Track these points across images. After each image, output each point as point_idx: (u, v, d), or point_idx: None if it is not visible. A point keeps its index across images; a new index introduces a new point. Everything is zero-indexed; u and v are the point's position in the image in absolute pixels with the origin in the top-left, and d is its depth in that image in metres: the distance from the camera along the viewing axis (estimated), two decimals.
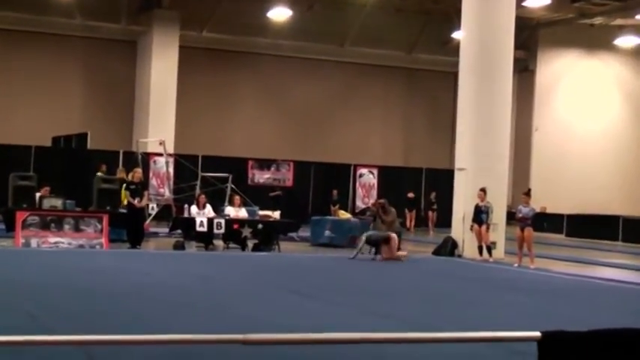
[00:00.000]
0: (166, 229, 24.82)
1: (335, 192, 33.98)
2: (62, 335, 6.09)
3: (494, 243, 22.41)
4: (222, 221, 22.09)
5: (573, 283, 18.19)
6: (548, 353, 6.29)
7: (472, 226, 22.12)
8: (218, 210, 23.70)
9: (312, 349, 7.45)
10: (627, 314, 12.75)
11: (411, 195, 35.44)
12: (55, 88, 40.00)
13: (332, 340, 6.31)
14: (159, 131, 34.94)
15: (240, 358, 7.55)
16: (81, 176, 29.71)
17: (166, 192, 29.08)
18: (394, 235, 21.43)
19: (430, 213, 35.25)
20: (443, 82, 45.31)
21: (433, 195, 35.14)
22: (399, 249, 21.80)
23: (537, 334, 6.29)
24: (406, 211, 33.94)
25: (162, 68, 39.36)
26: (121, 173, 26.44)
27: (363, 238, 22.00)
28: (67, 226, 21.19)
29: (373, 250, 22.68)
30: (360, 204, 36.36)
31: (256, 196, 29.48)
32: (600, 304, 14.66)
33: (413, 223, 34.88)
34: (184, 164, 31.03)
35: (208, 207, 22.60)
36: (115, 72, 40.94)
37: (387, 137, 46.10)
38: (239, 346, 5.83)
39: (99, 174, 25.68)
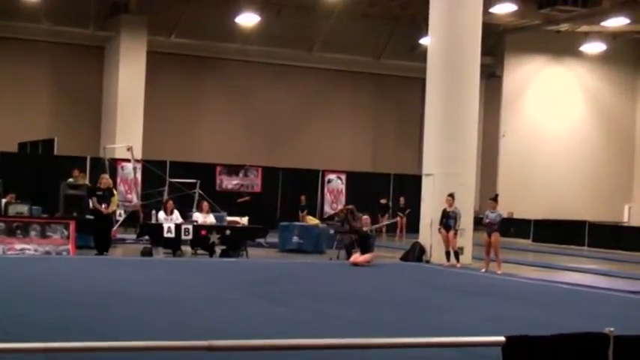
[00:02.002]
0: (134, 236, 24.71)
1: (303, 197, 33.97)
2: (26, 343, 6.07)
3: (461, 248, 22.52)
4: (190, 227, 22.02)
5: (540, 288, 18.30)
6: (513, 358, 6.34)
7: (440, 229, 22.18)
8: (186, 216, 23.62)
9: (277, 356, 7.45)
10: (592, 319, 12.86)
11: (383, 201, 35.55)
12: (22, 93, 39.72)
13: (297, 346, 6.33)
14: (126, 137, 34.79)
15: None
16: (48, 182, 29.51)
17: (134, 198, 28.96)
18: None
19: (399, 219, 35.01)
20: (411, 88, 45.45)
21: (402, 200, 35.07)
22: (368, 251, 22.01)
23: (502, 338, 6.33)
24: (379, 216, 33.97)
25: (129, 73, 39.19)
26: (82, 179, 26.16)
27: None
28: (33, 233, 21.05)
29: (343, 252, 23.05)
30: (328, 209, 36.39)
31: (224, 201, 29.44)
32: (566, 309, 14.77)
33: (385, 228, 34.91)
34: (152, 170, 30.92)
35: (176, 213, 22.52)
36: (83, 77, 40.73)
37: (355, 143, 46.17)
38: (205, 353, 5.83)
39: (70, 180, 25.46)
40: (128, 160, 30.25)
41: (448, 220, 21.98)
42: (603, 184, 47.02)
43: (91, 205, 22.21)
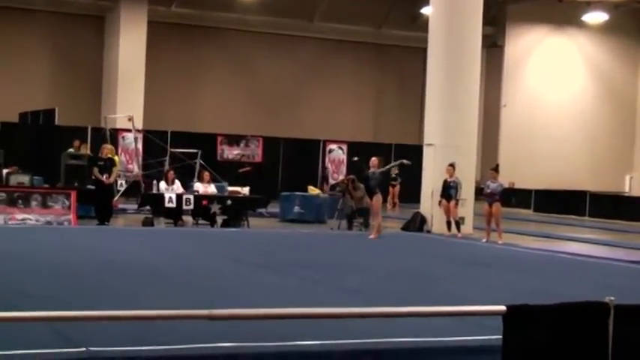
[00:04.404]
0: (135, 206, 24.73)
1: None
2: (29, 312, 6.09)
3: (462, 218, 22.53)
4: (191, 197, 22.04)
5: (540, 258, 18.33)
6: (514, 326, 6.36)
7: (440, 202, 22.22)
8: (187, 186, 23.64)
9: (278, 325, 7.47)
10: (592, 288, 12.89)
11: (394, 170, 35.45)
12: (22, 63, 39.61)
13: (298, 316, 6.34)
14: (127, 107, 34.71)
15: (207, 333, 7.56)
16: (49, 152, 29.50)
17: (135, 168, 28.96)
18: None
19: (391, 188, 34.82)
20: (412, 58, 45.29)
21: (395, 169, 34.93)
22: (367, 224, 22.01)
23: (503, 308, 6.36)
24: (390, 188, 34.15)
25: (130, 43, 39.06)
26: (84, 149, 26.17)
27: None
28: (34, 203, 21.07)
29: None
30: (329, 179, 36.32)
31: (225, 171, 29.42)
32: (567, 279, 14.80)
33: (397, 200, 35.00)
34: (153, 140, 30.85)
35: (177, 183, 22.54)
36: (83, 47, 40.61)
37: (356, 113, 46.10)
38: (206, 322, 5.85)
39: (70, 150, 25.47)
40: (129, 130, 30.20)
41: (449, 190, 21.98)
42: (604, 154, 47.02)
43: (93, 175, 22.21)
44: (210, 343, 7.49)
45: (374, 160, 21.23)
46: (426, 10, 35.27)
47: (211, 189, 23.15)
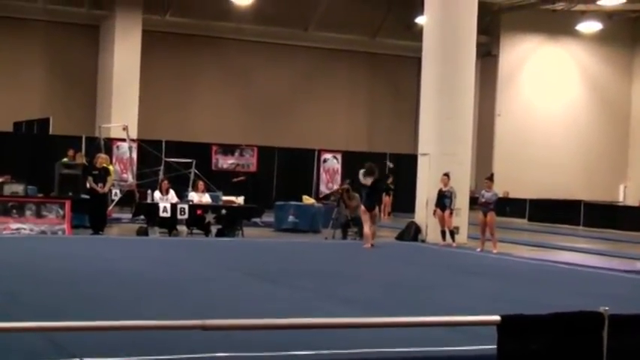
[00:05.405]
0: (129, 215, 24.70)
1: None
2: (23, 322, 6.06)
3: (457, 228, 22.52)
4: (186, 207, 22.02)
5: (535, 268, 18.33)
6: (508, 336, 6.35)
7: (435, 211, 22.20)
8: (181, 195, 23.61)
9: (272, 335, 7.46)
10: (586, 298, 12.88)
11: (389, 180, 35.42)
12: (17, 72, 39.56)
13: (292, 326, 6.33)
14: (122, 116, 34.68)
15: (200, 343, 7.55)
16: (43, 162, 29.45)
17: (129, 177, 28.94)
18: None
19: (386, 198, 34.77)
20: (407, 67, 45.30)
21: (390, 179, 34.96)
22: (362, 234, 21.96)
23: (497, 318, 6.34)
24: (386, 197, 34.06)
25: (125, 53, 39.03)
26: (79, 158, 26.16)
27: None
28: (28, 212, 21.03)
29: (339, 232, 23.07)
30: (323, 189, 36.33)
31: (220, 181, 29.41)
32: (561, 288, 14.80)
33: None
34: (148, 149, 30.84)
35: (172, 192, 22.52)
36: (78, 56, 40.57)
37: (351, 122, 46.09)
38: (199, 332, 5.83)
39: (65, 159, 25.45)
40: (124, 140, 30.18)
41: (444, 200, 21.96)
42: (598, 163, 47.07)
43: (87, 184, 22.19)
44: (204, 353, 7.48)
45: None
46: (420, 20, 35.33)
47: (206, 198, 23.13)
